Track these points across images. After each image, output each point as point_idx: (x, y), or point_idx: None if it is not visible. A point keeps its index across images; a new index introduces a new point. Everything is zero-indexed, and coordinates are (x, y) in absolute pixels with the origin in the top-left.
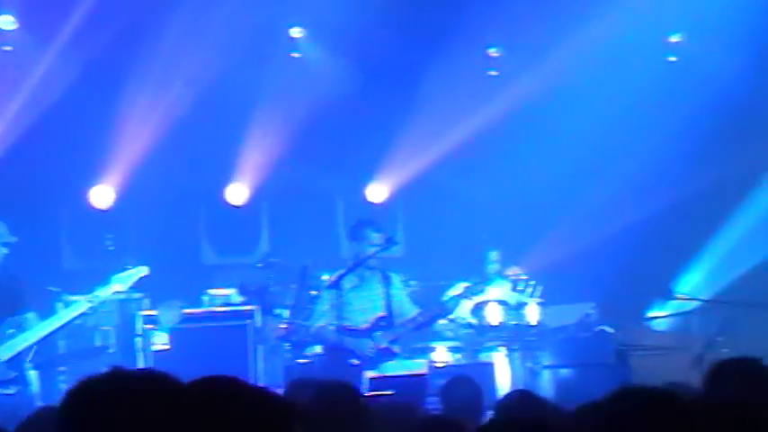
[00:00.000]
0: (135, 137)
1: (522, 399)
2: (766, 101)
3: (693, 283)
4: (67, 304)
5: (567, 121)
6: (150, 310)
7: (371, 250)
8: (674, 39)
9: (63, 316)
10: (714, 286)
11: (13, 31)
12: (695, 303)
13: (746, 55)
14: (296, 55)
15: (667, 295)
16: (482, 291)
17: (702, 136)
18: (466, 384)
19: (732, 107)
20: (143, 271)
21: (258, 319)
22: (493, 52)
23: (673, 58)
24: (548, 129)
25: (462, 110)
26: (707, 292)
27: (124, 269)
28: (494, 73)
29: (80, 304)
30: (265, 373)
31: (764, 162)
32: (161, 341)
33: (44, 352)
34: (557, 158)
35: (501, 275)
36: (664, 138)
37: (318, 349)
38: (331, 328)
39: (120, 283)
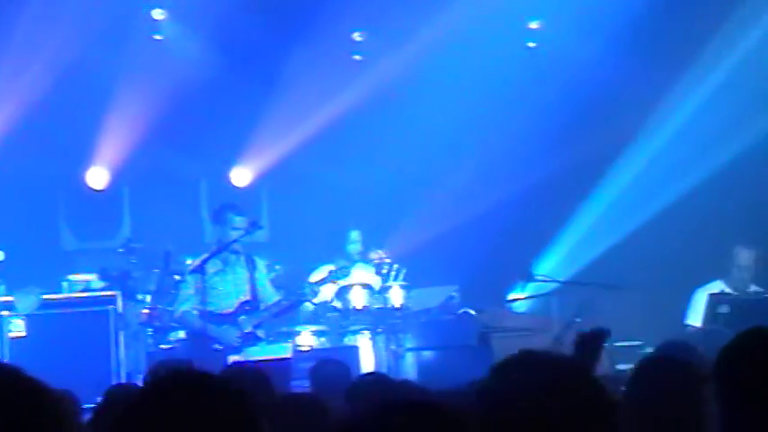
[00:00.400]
0: None
1: (377, 382)
2: (622, 86)
3: (552, 265)
4: None
5: (428, 106)
6: (6, 296)
7: (235, 234)
8: (533, 25)
9: None
10: (572, 268)
11: None
12: (554, 285)
13: (603, 41)
14: (158, 37)
15: (527, 277)
16: (346, 275)
17: (559, 121)
18: (334, 365)
19: (588, 93)
20: None
21: (120, 304)
22: (357, 36)
23: (532, 44)
24: (409, 113)
25: (326, 94)
26: (565, 274)
27: None
28: (358, 57)
29: None
30: (127, 359)
31: (618, 145)
32: (17, 328)
33: None
34: (418, 143)
35: (365, 259)
36: (522, 122)
37: (182, 334)
38: (195, 312)
39: None
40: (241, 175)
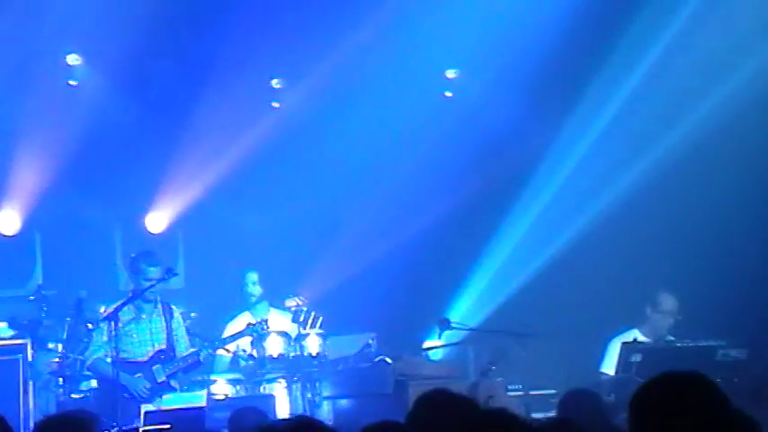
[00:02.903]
0: None
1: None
2: (524, 129)
3: (465, 310)
4: None
5: (340, 149)
6: None
7: (147, 283)
8: (450, 73)
9: None
10: (482, 312)
11: None
12: (468, 332)
13: (514, 89)
14: (72, 83)
15: (443, 324)
16: (265, 332)
17: (464, 164)
18: (252, 413)
19: (494, 137)
20: None
21: (30, 353)
22: (275, 83)
23: (449, 94)
24: (322, 157)
25: (237, 138)
26: (478, 318)
27: None
28: (276, 105)
29: None
30: (37, 409)
31: (521, 187)
32: None
33: None
34: (332, 187)
35: (281, 306)
36: (428, 166)
37: (94, 383)
38: (108, 360)
39: None
40: (156, 221)
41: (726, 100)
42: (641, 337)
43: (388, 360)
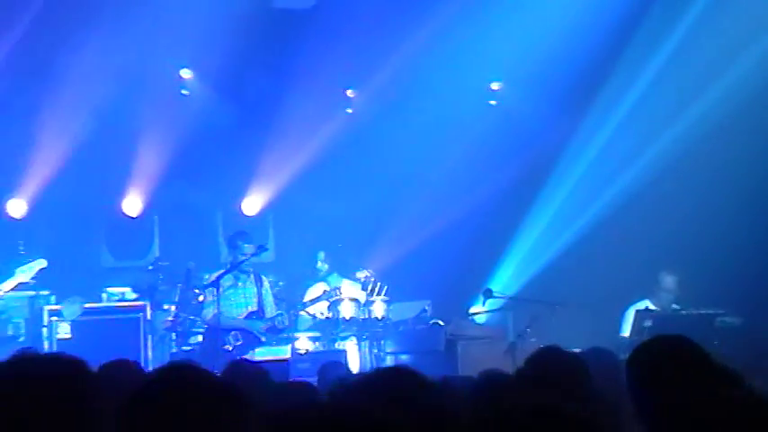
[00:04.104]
0: (47, 157)
1: None
2: (555, 130)
3: (505, 281)
4: None
5: (402, 148)
6: (55, 305)
7: (242, 257)
8: (495, 86)
9: None
10: (519, 282)
11: None
12: (506, 301)
13: (551, 101)
14: (185, 92)
15: (487, 294)
16: (338, 298)
17: (502, 158)
18: (338, 366)
19: (529, 135)
20: (42, 263)
21: (149, 312)
22: (350, 93)
23: (493, 102)
24: (387, 153)
25: (315, 137)
26: (516, 288)
27: (25, 262)
28: (350, 111)
29: None
30: (154, 359)
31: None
32: (64, 331)
33: None
34: (393, 179)
35: (353, 278)
36: (475, 160)
37: (200, 338)
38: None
39: (23, 274)
40: (251, 205)
41: (727, 94)
42: (651, 306)
43: (441, 323)
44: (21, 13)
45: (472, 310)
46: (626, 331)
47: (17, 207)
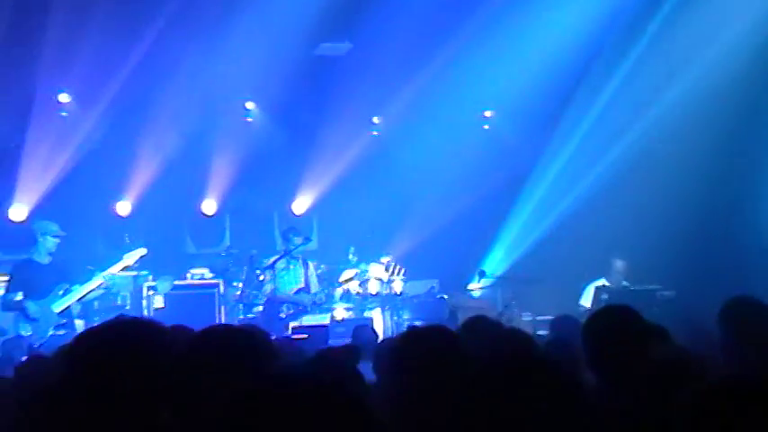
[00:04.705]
0: (146, 169)
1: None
2: (531, 145)
3: (495, 264)
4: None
5: (411, 159)
6: (152, 282)
7: (293, 246)
8: (488, 113)
9: (92, 283)
10: (507, 263)
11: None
12: (496, 279)
13: (529, 121)
14: (249, 119)
15: (481, 274)
16: (366, 278)
17: (491, 168)
18: (367, 328)
19: (516, 155)
20: (142, 251)
21: (222, 288)
22: (375, 119)
23: (486, 126)
24: (401, 165)
25: (348, 153)
26: (503, 269)
27: (131, 249)
28: (376, 133)
29: (99, 276)
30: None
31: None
32: (159, 302)
33: (85, 307)
34: (407, 183)
35: (377, 260)
36: (469, 171)
37: (260, 309)
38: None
39: (127, 259)
40: (299, 206)
41: (676, 104)
42: (606, 283)
43: (445, 297)
44: (126, 59)
45: (469, 287)
46: (584, 301)
47: (124, 207)
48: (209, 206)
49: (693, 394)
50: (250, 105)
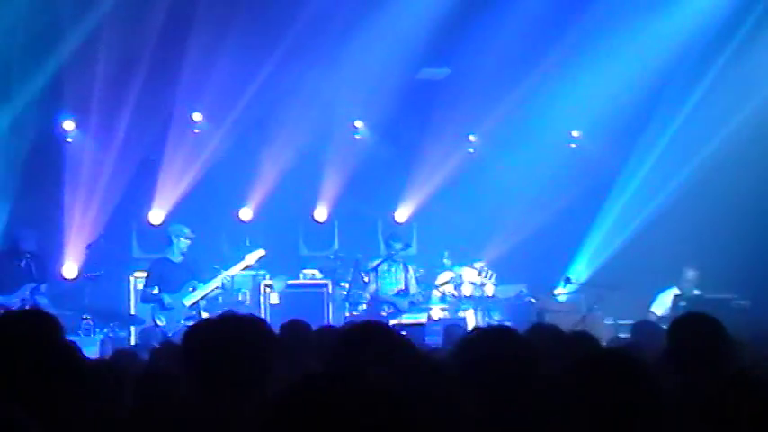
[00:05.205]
0: (265, 180)
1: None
2: (615, 162)
3: (579, 270)
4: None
5: (504, 175)
6: (269, 281)
7: (394, 251)
8: (575, 133)
9: (217, 280)
10: (590, 270)
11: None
12: (580, 285)
13: (619, 144)
14: (358, 136)
15: (566, 280)
16: (460, 281)
17: (573, 180)
18: (458, 327)
19: (599, 169)
20: (261, 252)
21: (330, 288)
22: (471, 138)
23: (573, 145)
24: (494, 179)
25: (446, 166)
26: (586, 275)
27: (250, 251)
28: (471, 151)
29: (222, 274)
30: (333, 320)
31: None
32: (274, 299)
33: (211, 301)
34: (498, 196)
35: (471, 265)
36: (557, 186)
37: (364, 306)
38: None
39: (248, 260)
40: (401, 215)
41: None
42: (678, 292)
43: (533, 300)
44: (251, 83)
45: (555, 292)
46: (656, 309)
47: (246, 213)
48: (321, 213)
49: None
50: (359, 124)
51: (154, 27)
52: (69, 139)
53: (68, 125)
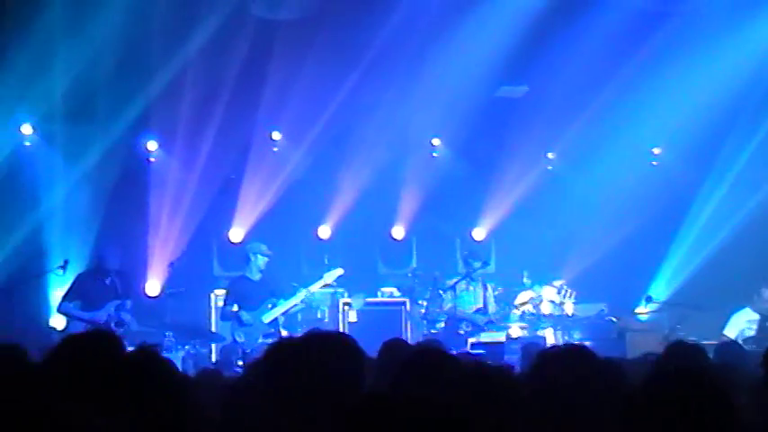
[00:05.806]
0: (344, 199)
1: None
2: (691, 179)
3: (660, 289)
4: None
5: (582, 192)
6: (348, 298)
7: (472, 269)
8: (656, 150)
9: (295, 298)
10: (671, 288)
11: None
12: (661, 305)
13: (699, 162)
14: (436, 154)
15: (647, 300)
16: (539, 301)
17: (654, 198)
18: (537, 346)
19: (679, 186)
20: (340, 271)
21: (408, 306)
22: (550, 155)
23: (655, 163)
24: (573, 196)
25: (521, 184)
26: (668, 293)
27: (330, 269)
28: (550, 167)
29: (302, 292)
30: (411, 338)
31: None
32: (352, 317)
33: (290, 319)
34: (576, 214)
35: (550, 284)
36: (636, 200)
37: (442, 324)
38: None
39: (327, 278)
40: (479, 233)
41: None
42: (751, 312)
43: (614, 319)
44: (329, 102)
45: (637, 311)
46: (729, 331)
47: (324, 231)
48: (399, 231)
49: None
50: (436, 142)
51: (237, 52)
52: (153, 159)
53: (152, 145)
